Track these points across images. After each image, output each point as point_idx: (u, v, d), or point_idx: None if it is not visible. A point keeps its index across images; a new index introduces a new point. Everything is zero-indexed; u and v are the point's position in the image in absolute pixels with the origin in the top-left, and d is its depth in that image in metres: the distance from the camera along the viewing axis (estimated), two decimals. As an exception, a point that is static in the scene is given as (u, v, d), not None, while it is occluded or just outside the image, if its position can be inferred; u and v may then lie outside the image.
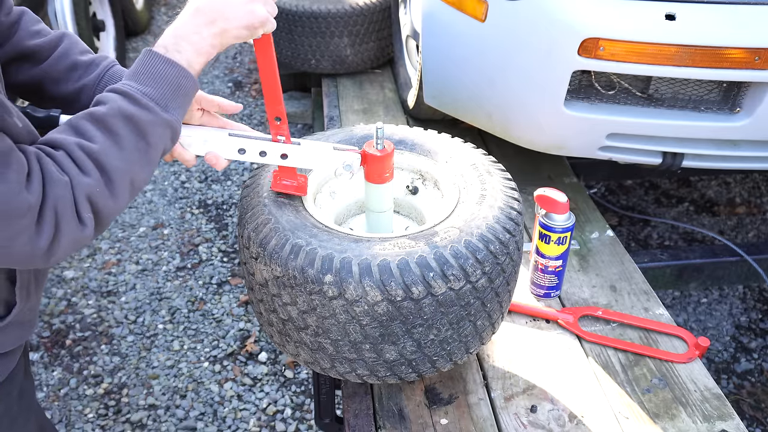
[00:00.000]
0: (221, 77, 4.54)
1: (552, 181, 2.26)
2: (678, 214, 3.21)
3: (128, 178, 0.93)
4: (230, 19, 0.99)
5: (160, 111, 0.94)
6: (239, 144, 1.18)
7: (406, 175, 1.48)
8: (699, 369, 1.50)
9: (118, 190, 0.91)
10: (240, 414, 2.29)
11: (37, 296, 1.11)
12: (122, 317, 2.67)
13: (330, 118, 2.80)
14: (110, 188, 0.91)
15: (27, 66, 1.14)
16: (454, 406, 1.40)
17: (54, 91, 1.15)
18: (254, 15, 1.00)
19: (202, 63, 1.00)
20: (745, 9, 1.60)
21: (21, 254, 0.86)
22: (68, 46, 1.16)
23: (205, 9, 0.98)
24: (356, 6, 2.91)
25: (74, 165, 0.88)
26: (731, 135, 1.80)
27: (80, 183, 0.88)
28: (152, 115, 0.93)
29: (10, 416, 1.12)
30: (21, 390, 1.15)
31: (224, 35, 1.00)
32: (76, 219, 0.88)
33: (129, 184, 0.93)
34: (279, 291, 1.19)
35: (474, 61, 1.96)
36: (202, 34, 0.98)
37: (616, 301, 1.71)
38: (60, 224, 0.86)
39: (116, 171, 0.90)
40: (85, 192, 0.88)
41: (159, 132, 0.95)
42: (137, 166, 0.94)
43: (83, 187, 0.88)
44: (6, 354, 1.09)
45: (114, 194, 0.91)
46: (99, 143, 0.90)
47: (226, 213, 3.28)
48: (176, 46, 0.97)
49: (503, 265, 1.22)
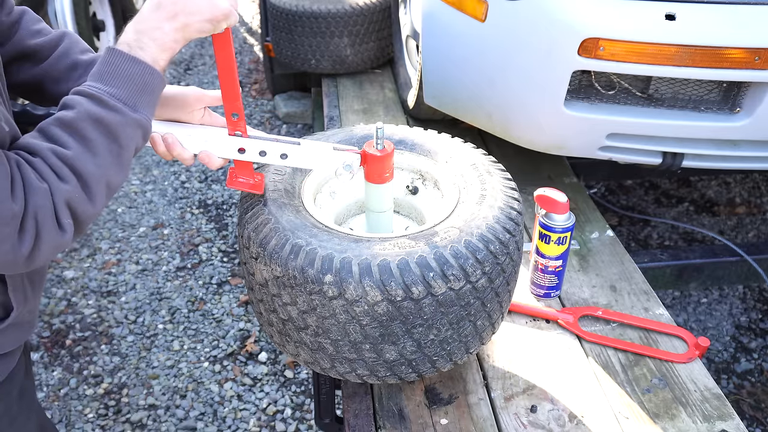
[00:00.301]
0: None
1: (552, 181, 2.26)
2: (678, 214, 3.21)
3: (104, 182, 0.93)
4: (192, 12, 0.96)
5: (129, 111, 0.93)
6: (239, 143, 1.18)
7: (406, 175, 1.48)
8: (699, 369, 1.50)
9: (95, 194, 0.91)
10: (240, 414, 2.29)
11: (35, 298, 1.11)
12: (122, 317, 2.67)
13: (330, 118, 2.80)
14: (88, 193, 0.90)
15: (28, 65, 1.14)
16: (454, 406, 1.40)
17: (54, 91, 1.14)
18: (217, 8, 0.98)
19: (166, 59, 0.98)
20: (745, 9, 1.60)
21: (2, 261, 0.87)
22: (69, 46, 1.16)
23: (166, 3, 0.96)
24: (356, 6, 2.91)
25: (52, 172, 0.88)
26: (731, 135, 1.80)
27: (59, 190, 0.88)
28: (121, 116, 0.92)
29: (10, 415, 1.12)
30: (21, 389, 1.15)
31: (186, 29, 0.97)
32: (56, 225, 0.88)
33: (105, 187, 0.93)
34: (279, 291, 1.19)
35: (474, 61, 1.96)
36: (164, 29, 0.96)
37: (616, 301, 1.71)
38: (41, 231, 0.87)
39: (92, 176, 0.90)
40: (64, 198, 0.88)
41: (130, 133, 0.94)
42: (112, 169, 0.93)
43: (62, 193, 0.88)
44: (5, 354, 1.09)
45: (92, 199, 0.91)
46: (72, 149, 0.89)
47: (226, 213, 3.28)
48: (138, 43, 0.95)
49: (503, 265, 1.22)
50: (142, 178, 3.57)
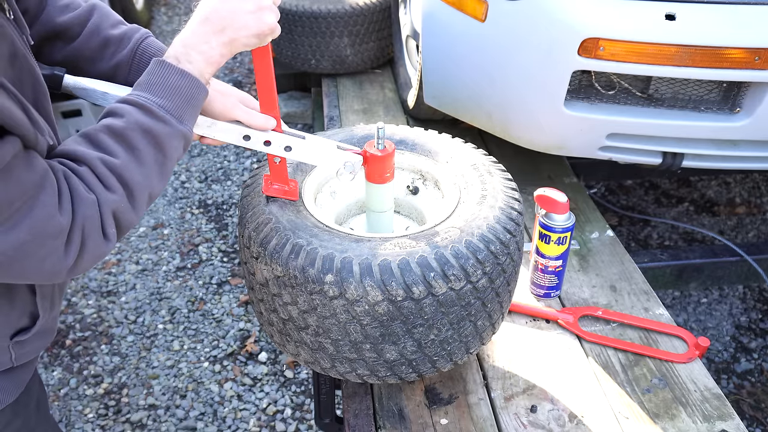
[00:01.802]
0: (221, 77, 4.54)
1: (552, 181, 2.26)
2: (678, 214, 3.21)
3: (147, 192, 0.93)
4: (240, 28, 0.97)
5: (176, 123, 0.94)
6: (244, 131, 1.17)
7: (406, 175, 1.48)
8: (699, 369, 1.50)
9: (139, 203, 0.92)
10: (240, 414, 2.29)
11: (59, 305, 1.10)
12: (122, 317, 2.67)
13: (330, 118, 2.80)
14: (132, 203, 0.91)
15: (60, 44, 1.12)
16: (454, 406, 1.41)
17: (90, 70, 1.14)
18: (264, 23, 0.99)
19: (211, 72, 0.99)
20: (745, 9, 1.60)
21: (48, 272, 0.86)
22: (99, 20, 1.14)
23: (214, 18, 0.97)
24: (356, 6, 2.91)
25: (99, 182, 0.88)
26: (731, 135, 1.80)
27: (107, 200, 0.88)
28: (169, 127, 0.93)
29: (29, 428, 1.11)
30: (38, 401, 1.14)
31: (233, 44, 0.98)
32: (101, 235, 0.88)
33: (148, 197, 0.94)
34: (279, 290, 1.19)
35: (474, 61, 1.96)
36: (211, 44, 0.97)
37: (616, 301, 1.71)
38: (86, 241, 0.87)
39: (138, 186, 0.91)
40: (111, 208, 0.88)
41: (175, 144, 0.95)
42: (156, 179, 0.94)
43: (109, 204, 0.88)
44: (25, 364, 1.07)
45: (135, 208, 0.92)
46: (121, 158, 0.89)
47: (226, 213, 3.28)
48: (187, 56, 0.96)
49: (504, 265, 1.22)
50: (142, 178, 3.57)
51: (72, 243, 0.85)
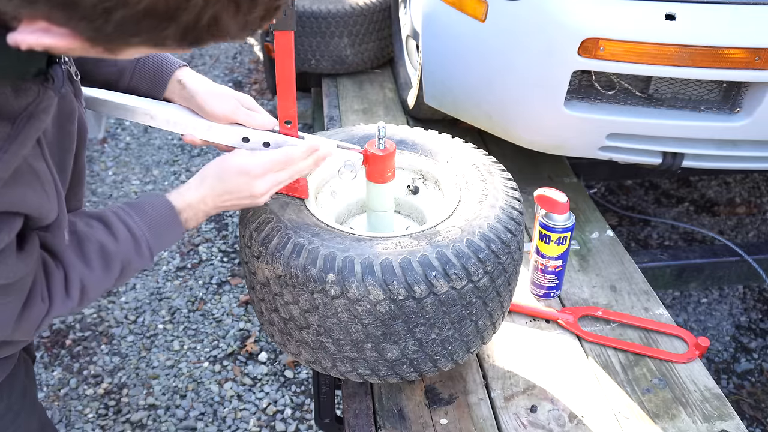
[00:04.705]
0: (221, 77, 4.54)
1: (552, 181, 2.26)
2: (678, 214, 3.21)
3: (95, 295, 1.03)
4: (235, 199, 1.12)
5: (150, 259, 1.06)
6: (243, 132, 1.18)
7: (407, 175, 1.48)
8: (699, 369, 1.50)
9: (84, 303, 1.01)
10: (240, 414, 2.29)
11: None
12: (122, 317, 2.67)
13: (330, 118, 2.80)
14: (81, 302, 1.00)
15: None
16: (454, 406, 1.41)
17: (96, 72, 1.18)
18: (254, 197, 1.13)
19: (197, 223, 1.12)
20: (745, 9, 1.61)
21: None
22: None
23: (216, 185, 1.10)
24: (356, 6, 2.91)
25: (64, 290, 0.96)
26: (731, 135, 1.81)
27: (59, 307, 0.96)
28: (144, 262, 1.05)
29: (13, 412, 1.13)
30: (24, 387, 1.16)
31: (225, 205, 1.13)
32: (36, 329, 0.97)
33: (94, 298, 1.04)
34: (281, 290, 1.19)
35: (474, 61, 1.96)
36: (207, 204, 1.11)
37: (616, 301, 1.71)
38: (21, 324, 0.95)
39: (94, 296, 1.01)
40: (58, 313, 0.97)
41: (139, 268, 1.07)
42: (108, 287, 1.05)
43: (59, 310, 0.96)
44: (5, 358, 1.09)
45: (79, 303, 1.00)
46: (95, 276, 0.99)
47: (226, 213, 3.28)
48: (185, 213, 1.09)
49: (505, 265, 1.22)
50: (142, 178, 3.57)
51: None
